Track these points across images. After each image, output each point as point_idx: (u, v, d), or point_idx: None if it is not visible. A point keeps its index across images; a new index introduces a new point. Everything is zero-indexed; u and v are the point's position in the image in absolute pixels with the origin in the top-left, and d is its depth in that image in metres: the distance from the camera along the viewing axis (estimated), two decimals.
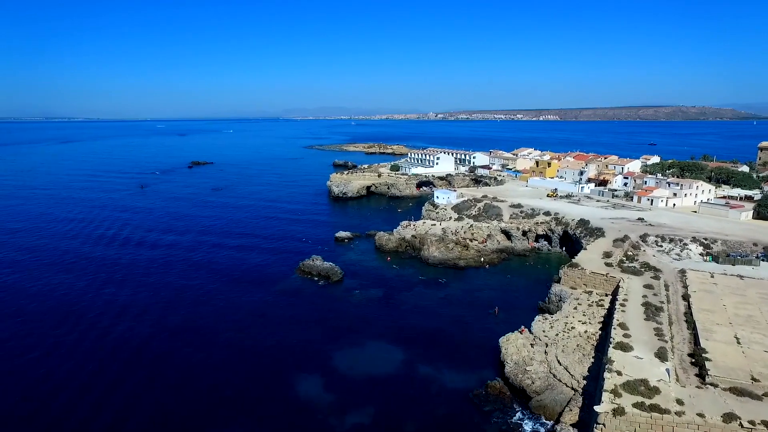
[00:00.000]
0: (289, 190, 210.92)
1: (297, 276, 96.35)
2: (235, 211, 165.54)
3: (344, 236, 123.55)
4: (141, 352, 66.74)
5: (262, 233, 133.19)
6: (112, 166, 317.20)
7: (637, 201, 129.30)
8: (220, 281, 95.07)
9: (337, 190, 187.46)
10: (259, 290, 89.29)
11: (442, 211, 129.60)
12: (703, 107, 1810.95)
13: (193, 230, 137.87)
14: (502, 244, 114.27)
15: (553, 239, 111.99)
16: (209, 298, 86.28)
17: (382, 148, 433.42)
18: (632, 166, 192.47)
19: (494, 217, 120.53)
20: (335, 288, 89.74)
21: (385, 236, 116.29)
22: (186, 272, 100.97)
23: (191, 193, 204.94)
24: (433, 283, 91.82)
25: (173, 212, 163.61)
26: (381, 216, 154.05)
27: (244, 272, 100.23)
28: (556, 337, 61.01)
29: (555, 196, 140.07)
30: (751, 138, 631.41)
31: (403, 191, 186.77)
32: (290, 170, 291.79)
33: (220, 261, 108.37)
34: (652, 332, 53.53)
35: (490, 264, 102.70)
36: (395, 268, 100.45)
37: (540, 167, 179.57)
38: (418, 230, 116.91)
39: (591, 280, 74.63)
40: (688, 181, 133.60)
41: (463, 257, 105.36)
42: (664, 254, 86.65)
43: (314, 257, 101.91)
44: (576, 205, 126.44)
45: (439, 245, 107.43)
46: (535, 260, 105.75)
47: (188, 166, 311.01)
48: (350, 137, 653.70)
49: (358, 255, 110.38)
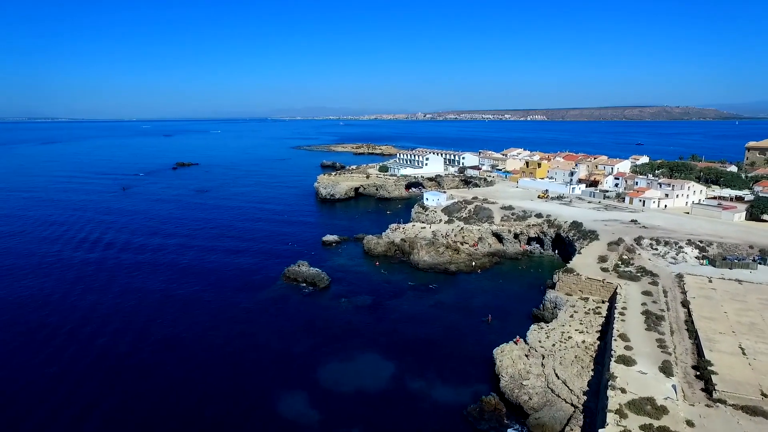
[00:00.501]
0: (275, 192, 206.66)
1: (282, 282, 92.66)
2: (219, 213, 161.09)
3: (332, 240, 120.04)
4: (117, 368, 62.67)
5: (248, 237, 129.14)
6: (94, 168, 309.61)
7: (629, 202, 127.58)
8: (202, 288, 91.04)
9: (324, 192, 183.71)
10: (243, 298, 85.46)
11: (431, 214, 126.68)
12: (686, 107, 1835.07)
13: (175, 233, 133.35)
14: (494, 247, 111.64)
15: (546, 242, 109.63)
16: (189, 306, 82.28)
17: (371, 148, 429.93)
18: (622, 166, 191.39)
19: (485, 219, 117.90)
20: (322, 295, 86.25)
21: (373, 240, 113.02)
22: (166, 278, 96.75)
23: (175, 195, 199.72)
24: (423, 289, 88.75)
25: (155, 215, 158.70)
26: (369, 218, 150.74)
27: (227, 278, 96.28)
28: (552, 348, 58.24)
29: (546, 197, 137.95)
30: (735, 138, 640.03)
31: (392, 193, 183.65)
32: (277, 171, 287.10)
33: (202, 266, 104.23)
34: (654, 343, 50.95)
35: (481, 268, 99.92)
36: (384, 274, 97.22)
37: (530, 168, 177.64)
38: (407, 233, 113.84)
39: (587, 286, 72.11)
40: (679, 181, 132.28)
41: (454, 261, 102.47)
42: (659, 258, 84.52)
43: (300, 263, 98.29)
44: (568, 207, 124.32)
45: (429, 249, 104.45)
46: (527, 264, 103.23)
47: (173, 168, 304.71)
48: (338, 137, 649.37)
49: (345, 259, 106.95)
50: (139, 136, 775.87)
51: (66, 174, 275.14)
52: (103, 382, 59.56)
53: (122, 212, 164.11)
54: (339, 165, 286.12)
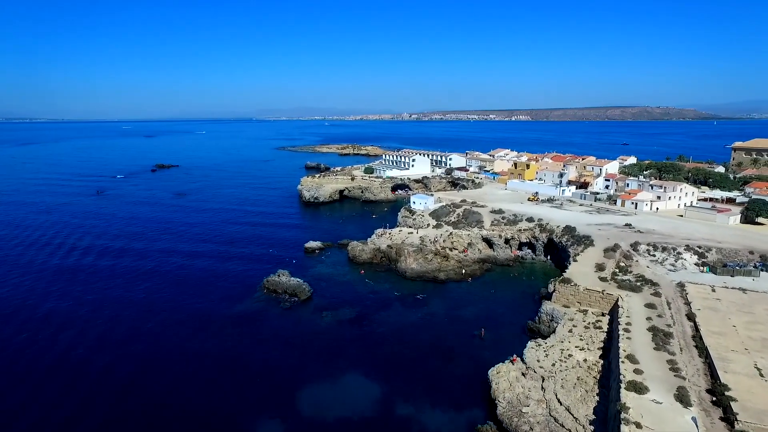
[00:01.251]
0: (257, 195, 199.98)
1: (261, 294, 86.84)
2: (197, 218, 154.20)
3: (314, 247, 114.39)
4: (72, 394, 56.50)
5: (226, 243, 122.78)
6: (69, 169, 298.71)
7: (620, 205, 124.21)
8: (173, 301, 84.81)
9: (308, 195, 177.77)
10: (217, 312, 79.52)
11: (419, 218, 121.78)
12: (667, 108, 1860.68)
13: (149, 239, 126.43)
14: (484, 253, 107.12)
15: (537, 247, 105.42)
16: (158, 322, 76.12)
17: (356, 149, 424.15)
18: (610, 167, 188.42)
19: (474, 223, 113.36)
20: (303, 308, 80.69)
21: (358, 246, 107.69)
22: (134, 288, 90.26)
23: (151, 198, 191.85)
24: (411, 300, 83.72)
25: (128, 219, 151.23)
26: (354, 222, 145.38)
27: (201, 289, 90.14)
28: (552, 368, 53.64)
29: (536, 200, 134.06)
30: (714, 138, 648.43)
31: (377, 195, 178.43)
32: (260, 173, 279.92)
33: (174, 275, 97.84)
34: (665, 365, 46.59)
35: (472, 276, 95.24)
36: (369, 284, 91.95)
37: (518, 169, 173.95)
38: (394, 239, 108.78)
39: (586, 297, 67.78)
40: (671, 183, 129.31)
41: (443, 269, 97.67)
42: (658, 264, 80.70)
43: (280, 272, 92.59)
44: (559, 210, 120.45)
45: (416, 256, 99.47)
46: (519, 271, 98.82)
47: (152, 170, 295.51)
48: (323, 138, 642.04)
49: (329, 268, 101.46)
50: (120, 137, 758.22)
51: (40, 176, 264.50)
52: (63, 393, 53.39)
53: (94, 216, 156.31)
54: (323, 166, 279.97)
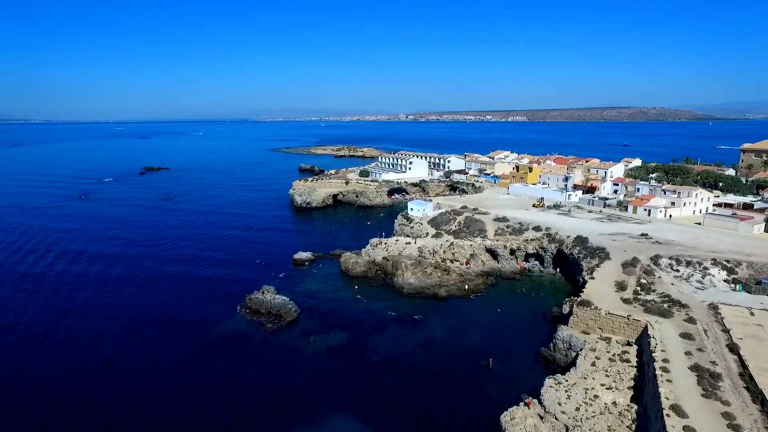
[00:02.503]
0: (247, 200, 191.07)
1: (242, 314, 78.28)
2: (181, 225, 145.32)
3: (304, 258, 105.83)
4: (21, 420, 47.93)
5: (209, 254, 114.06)
6: (57, 172, 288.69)
7: (632, 211, 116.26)
8: (143, 322, 76.18)
9: (300, 200, 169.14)
10: (191, 337, 70.92)
11: (417, 226, 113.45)
12: (662, 108, 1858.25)
13: (126, 249, 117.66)
14: (488, 265, 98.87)
15: (546, 259, 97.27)
16: (124, 347, 67.51)
17: (352, 150, 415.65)
18: (615, 170, 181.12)
19: (477, 232, 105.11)
20: (288, 332, 72.16)
21: (351, 258, 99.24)
22: (98, 301, 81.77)
23: (136, 203, 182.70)
24: (409, 321, 75.34)
25: (107, 226, 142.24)
26: (348, 230, 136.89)
27: (176, 309, 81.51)
28: (576, 414, 45.41)
29: (542, 206, 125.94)
30: (712, 138, 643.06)
31: (373, 200, 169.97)
32: (252, 176, 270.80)
33: (150, 292, 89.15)
34: (720, 419, 38.36)
35: (475, 292, 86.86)
36: (363, 301, 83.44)
37: (521, 172, 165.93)
38: (390, 250, 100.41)
39: (608, 323, 59.56)
40: (685, 188, 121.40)
41: (443, 283, 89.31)
42: (683, 281, 72.63)
43: (265, 288, 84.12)
44: (567, 218, 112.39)
45: (415, 270, 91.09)
46: (526, 285, 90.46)
47: (140, 173, 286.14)
48: (319, 139, 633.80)
49: (319, 282, 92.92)
50: (113, 139, 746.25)
51: (23, 180, 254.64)
52: None
53: (72, 221, 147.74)
54: (318, 169, 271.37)
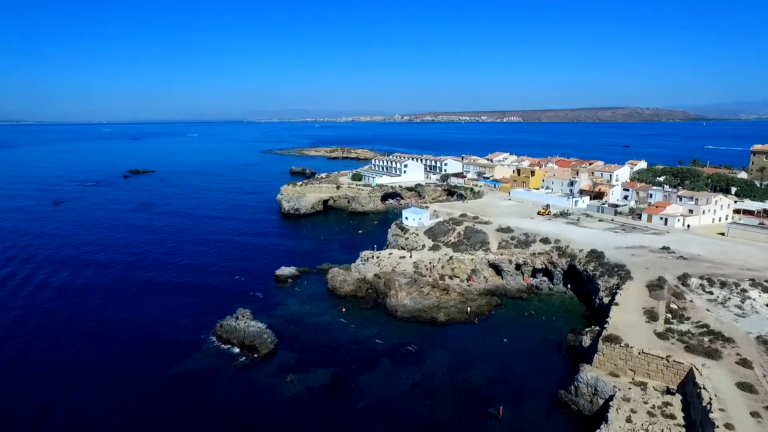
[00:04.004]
0: (233, 205, 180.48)
1: (211, 345, 68.01)
2: (156, 233, 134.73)
3: (287, 274, 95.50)
4: None
5: (183, 269, 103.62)
6: (35, 176, 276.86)
7: (647, 220, 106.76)
8: (97, 353, 65.90)
9: (287, 206, 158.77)
10: (150, 374, 60.61)
11: (412, 237, 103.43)
12: (656, 109, 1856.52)
13: (87, 262, 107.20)
14: (491, 282, 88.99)
15: (556, 275, 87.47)
16: (67, 387, 57.11)
17: (346, 152, 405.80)
18: (621, 173, 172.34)
19: (479, 245, 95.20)
20: (263, 368, 61.94)
21: (340, 275, 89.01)
22: (51, 333, 71.17)
23: (113, 210, 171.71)
24: (403, 353, 65.28)
25: (76, 236, 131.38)
26: (338, 239, 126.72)
27: (137, 337, 71.15)
28: None
29: (547, 213, 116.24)
30: (707, 138, 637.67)
31: (365, 206, 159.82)
32: (241, 179, 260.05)
33: (108, 316, 78.73)
34: None
35: (478, 315, 76.89)
36: (351, 327, 73.28)
37: (522, 176, 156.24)
38: (382, 265, 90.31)
39: (642, 364, 49.67)
40: (704, 194, 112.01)
41: (442, 305, 79.27)
42: (719, 307, 62.99)
43: (240, 312, 73.93)
44: (577, 227, 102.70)
45: (410, 289, 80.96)
46: (535, 307, 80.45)
47: (124, 176, 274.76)
48: (313, 140, 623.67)
49: (302, 304, 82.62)
50: (102, 140, 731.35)
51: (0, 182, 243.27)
52: None
53: (39, 229, 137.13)
54: (309, 171, 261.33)
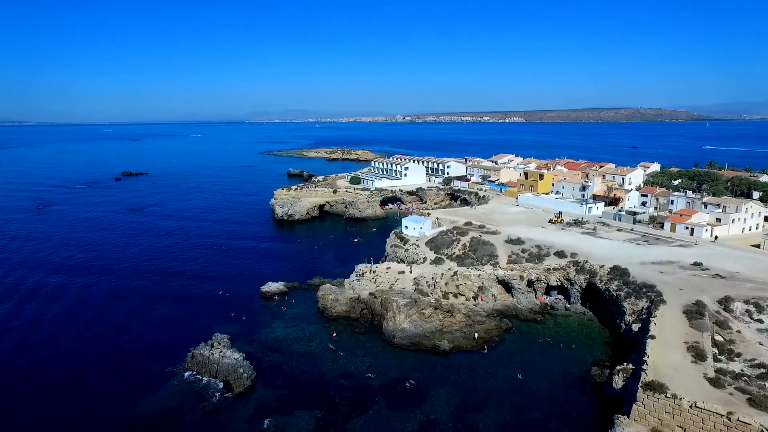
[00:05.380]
0: (224, 211, 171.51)
1: (179, 381, 58.94)
2: (139, 242, 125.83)
3: (274, 290, 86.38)
4: None
5: (159, 282, 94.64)
6: (24, 179, 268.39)
7: (670, 229, 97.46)
8: (38, 387, 56.87)
9: (281, 212, 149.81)
10: (101, 420, 51.56)
11: (413, 249, 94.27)
12: (659, 109, 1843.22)
13: (56, 274, 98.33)
14: (500, 301, 79.84)
15: (573, 293, 78.32)
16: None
17: (346, 153, 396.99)
18: (634, 176, 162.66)
19: (486, 258, 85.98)
20: (236, 411, 52.82)
21: (331, 293, 79.85)
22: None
23: (99, 215, 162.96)
24: (400, 392, 56.09)
25: (55, 244, 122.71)
26: (333, 249, 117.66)
27: (97, 368, 62.18)
28: None
29: (560, 221, 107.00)
30: (713, 139, 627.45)
31: (363, 211, 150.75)
32: (237, 182, 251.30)
33: (63, 336, 69.73)
34: None
35: (487, 341, 67.70)
36: (342, 357, 64.06)
37: (530, 180, 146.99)
38: (379, 281, 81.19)
39: (695, 421, 40.30)
40: (732, 200, 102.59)
41: (446, 329, 70.11)
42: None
43: (217, 338, 65.02)
44: (593, 238, 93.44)
45: (409, 312, 71.75)
46: (551, 331, 71.16)
47: (116, 178, 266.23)
48: (313, 141, 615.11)
49: (288, 327, 73.50)
50: (100, 141, 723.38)
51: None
52: None
53: (15, 235, 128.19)
54: (307, 174, 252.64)
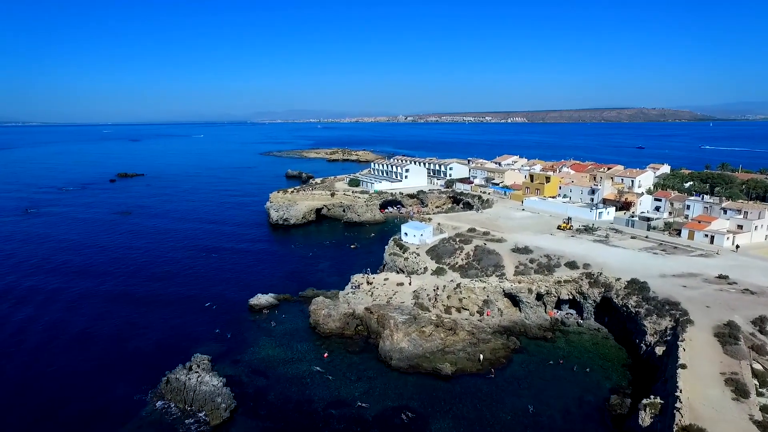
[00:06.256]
0: (218, 214, 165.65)
1: (150, 411, 52.91)
2: (126, 247, 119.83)
3: (263, 303, 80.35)
4: None
5: (141, 293, 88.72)
6: (16, 180, 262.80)
7: (688, 237, 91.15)
8: (6, 418, 51.03)
9: (276, 216, 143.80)
10: None
11: (412, 258, 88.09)
12: (662, 109, 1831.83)
13: (32, 278, 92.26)
14: (507, 316, 73.64)
15: (586, 308, 72.11)
16: None
17: (346, 154, 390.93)
18: (644, 178, 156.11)
19: (491, 269, 79.84)
20: None
21: (324, 308, 73.69)
22: None
23: (88, 219, 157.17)
24: (396, 425, 49.95)
25: (32, 252, 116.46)
26: (328, 256, 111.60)
27: (50, 394, 56.22)
28: None
29: (569, 227, 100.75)
30: (718, 139, 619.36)
31: (362, 215, 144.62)
32: (234, 183, 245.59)
33: (18, 357, 63.84)
34: None
35: (493, 363, 61.48)
36: (332, 382, 57.89)
37: (536, 182, 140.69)
38: (376, 294, 75.15)
39: None
40: (755, 206, 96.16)
41: (448, 348, 63.94)
42: None
43: (197, 360, 59.03)
44: (606, 246, 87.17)
45: (408, 330, 65.59)
46: (562, 351, 64.84)
47: (111, 180, 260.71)
48: (314, 142, 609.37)
49: (277, 345, 67.46)
50: (100, 142, 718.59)
51: None
52: None
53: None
54: (305, 175, 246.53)
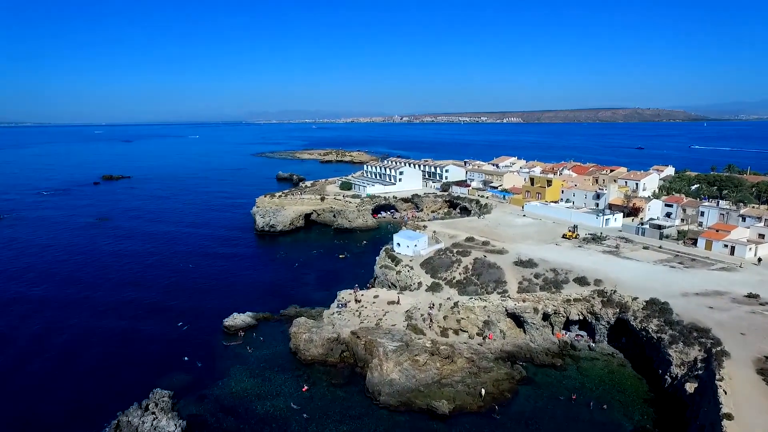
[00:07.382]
0: (203, 219, 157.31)
1: None
2: (97, 257, 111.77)
3: (240, 324, 72.30)
4: None
5: (107, 308, 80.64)
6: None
7: (705, 247, 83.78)
8: None
9: (262, 222, 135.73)
10: None
11: (405, 271, 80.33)
12: (657, 109, 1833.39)
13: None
14: (510, 339, 66.00)
15: (599, 330, 64.59)
16: None
17: (340, 155, 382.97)
18: (649, 181, 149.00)
19: (492, 285, 72.20)
20: None
21: (306, 330, 65.75)
22: None
23: (62, 223, 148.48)
24: None
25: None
26: (315, 268, 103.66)
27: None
28: None
29: (575, 236, 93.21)
30: (714, 139, 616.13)
31: (353, 221, 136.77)
32: (222, 186, 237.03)
33: None
34: None
35: (496, 398, 53.78)
36: (312, 424, 50.08)
37: (537, 186, 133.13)
38: (364, 314, 67.36)
39: None
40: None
41: (445, 380, 56.18)
42: None
43: (155, 396, 51.09)
44: (618, 258, 79.63)
45: (399, 358, 57.75)
46: (574, 381, 57.20)
47: (95, 182, 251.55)
48: (308, 142, 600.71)
49: (252, 375, 59.42)
50: (90, 143, 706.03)
51: None
52: None
53: None
54: (296, 178, 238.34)
